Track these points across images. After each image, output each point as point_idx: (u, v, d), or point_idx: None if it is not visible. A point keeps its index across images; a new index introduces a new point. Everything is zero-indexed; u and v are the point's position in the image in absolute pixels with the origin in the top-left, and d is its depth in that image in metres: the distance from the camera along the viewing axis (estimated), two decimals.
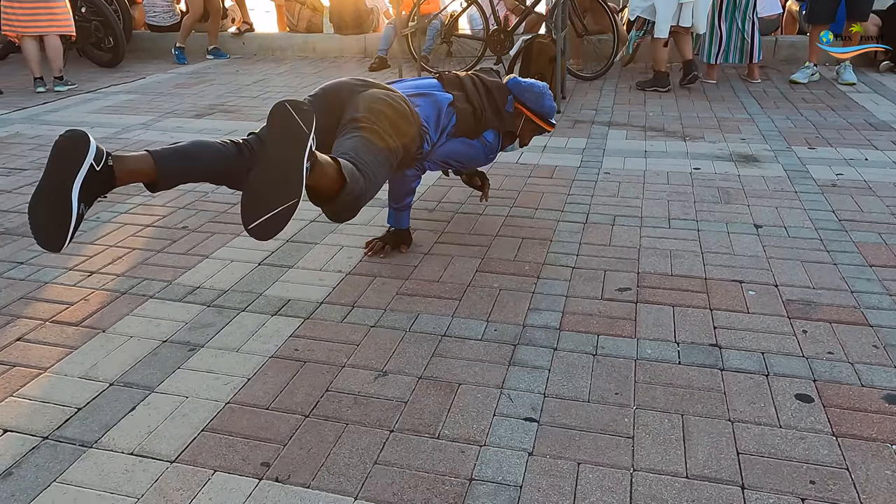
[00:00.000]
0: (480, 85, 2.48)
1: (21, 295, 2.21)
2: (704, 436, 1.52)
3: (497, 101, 2.48)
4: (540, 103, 2.54)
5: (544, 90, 2.56)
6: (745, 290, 2.14)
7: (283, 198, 1.53)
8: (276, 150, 1.55)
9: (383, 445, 1.51)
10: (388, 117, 2.07)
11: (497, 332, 1.94)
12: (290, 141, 1.55)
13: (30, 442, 1.54)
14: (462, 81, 2.45)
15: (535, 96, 2.53)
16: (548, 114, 2.57)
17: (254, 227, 1.55)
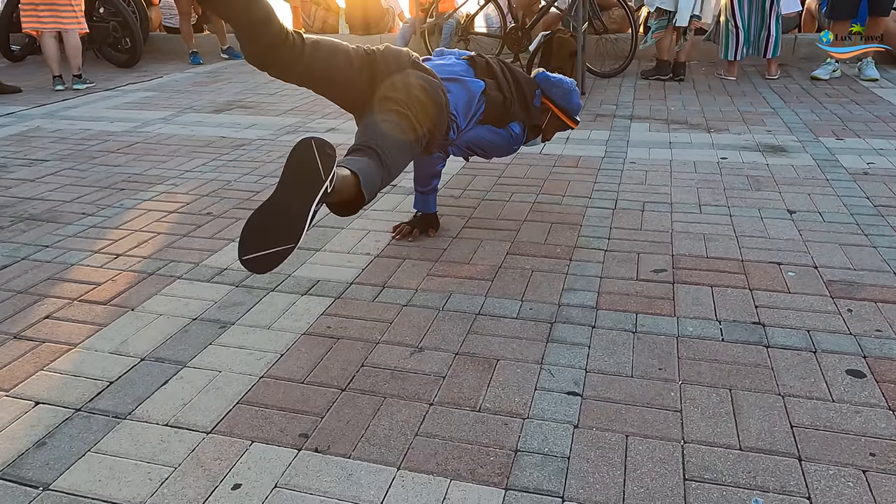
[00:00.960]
0: (509, 75, 2.41)
1: (48, 276, 2.18)
2: (755, 409, 1.47)
3: (525, 94, 2.41)
4: (567, 99, 2.48)
5: (572, 87, 2.50)
6: (785, 272, 2.09)
7: (282, 240, 1.46)
8: (287, 191, 1.49)
9: (423, 418, 1.47)
10: (423, 104, 2.02)
11: (532, 310, 1.90)
12: (303, 185, 1.49)
13: (62, 413, 1.51)
14: (493, 69, 2.37)
15: (563, 92, 2.46)
16: (574, 110, 2.51)
17: (247, 259, 1.47)
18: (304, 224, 1.47)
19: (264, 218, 1.48)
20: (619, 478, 1.29)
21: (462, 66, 2.33)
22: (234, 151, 3.59)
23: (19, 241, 2.45)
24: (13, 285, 2.12)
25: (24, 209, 2.79)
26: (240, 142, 3.78)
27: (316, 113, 4.46)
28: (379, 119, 1.97)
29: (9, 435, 1.44)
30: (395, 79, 2.06)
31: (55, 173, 3.27)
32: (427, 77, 2.11)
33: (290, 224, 1.47)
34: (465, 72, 2.30)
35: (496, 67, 2.38)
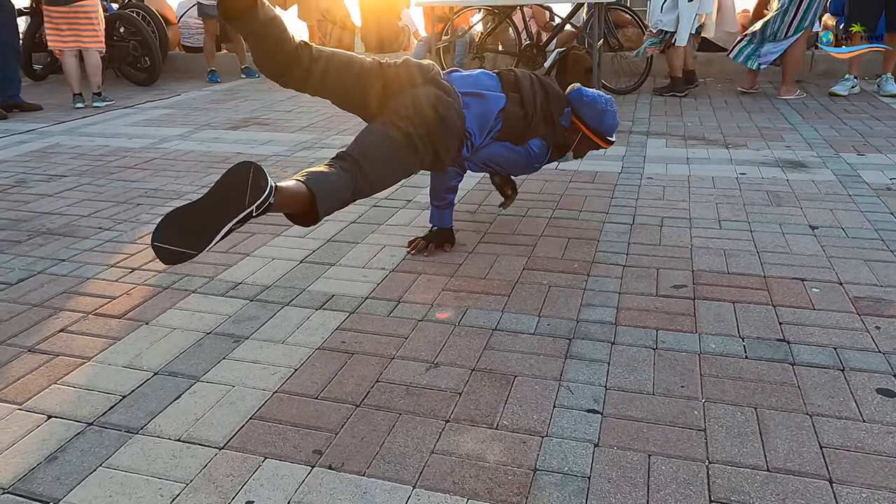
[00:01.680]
0: (539, 90, 2.34)
1: (63, 289, 2.18)
2: (783, 429, 1.42)
3: (552, 111, 2.35)
4: (600, 121, 2.38)
5: (607, 106, 2.39)
6: (809, 288, 2.04)
7: (188, 245, 1.50)
8: (211, 204, 1.53)
9: (439, 435, 1.44)
10: (428, 122, 2.01)
11: (550, 326, 1.87)
12: (225, 205, 1.53)
13: (74, 427, 1.49)
14: (520, 83, 2.31)
15: (596, 113, 2.37)
16: (607, 132, 2.41)
17: (156, 245, 1.51)
18: (212, 240, 1.52)
19: (184, 217, 1.52)
20: (641, 499, 1.25)
21: (489, 79, 2.29)
22: None
23: (36, 255, 2.46)
24: (29, 298, 2.12)
25: (41, 224, 2.80)
26: (256, 158, 3.79)
27: (332, 129, 4.48)
28: (377, 130, 2.00)
29: (21, 449, 1.43)
30: (406, 94, 2.06)
31: (73, 188, 3.29)
32: (441, 95, 2.08)
33: (199, 234, 1.51)
34: (490, 85, 2.26)
35: (525, 82, 2.32)
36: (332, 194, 1.82)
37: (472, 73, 2.30)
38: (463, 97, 2.16)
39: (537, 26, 6.32)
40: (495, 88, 2.25)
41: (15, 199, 3.14)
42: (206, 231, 1.51)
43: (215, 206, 1.53)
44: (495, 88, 2.25)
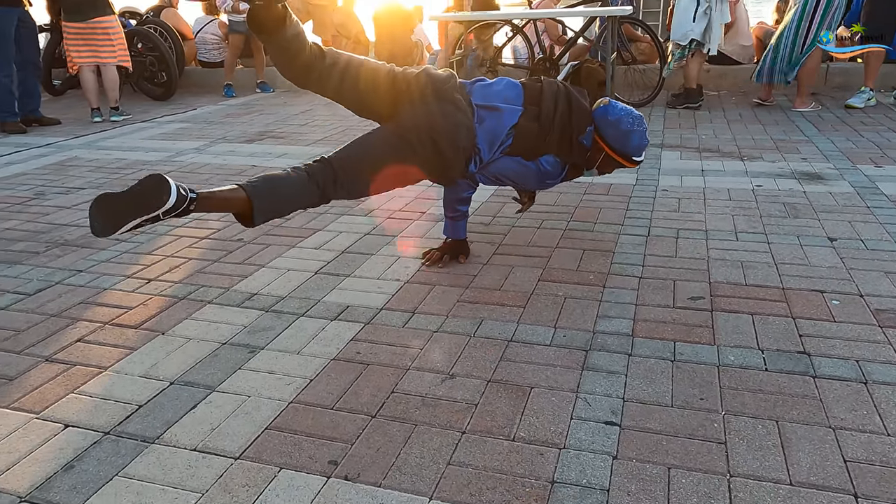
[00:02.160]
0: (563, 104, 2.24)
1: (81, 300, 2.20)
2: (805, 442, 1.39)
3: (572, 129, 2.24)
4: (623, 142, 2.24)
5: (634, 126, 2.23)
6: (828, 300, 2.01)
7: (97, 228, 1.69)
8: (128, 201, 1.70)
9: (455, 446, 1.42)
10: (430, 144, 2.06)
11: (566, 337, 1.85)
12: (137, 205, 1.70)
13: (91, 437, 1.49)
14: (543, 96, 2.23)
15: (619, 134, 2.23)
16: (632, 153, 2.27)
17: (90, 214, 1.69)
18: (116, 231, 1.70)
19: (107, 202, 1.69)
20: None
21: (512, 89, 2.24)
22: None
23: (54, 266, 2.48)
24: (47, 309, 2.14)
25: (59, 235, 2.83)
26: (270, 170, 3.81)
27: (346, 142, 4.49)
28: (371, 138, 2.11)
29: (38, 458, 1.43)
30: (416, 107, 2.09)
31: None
32: (450, 112, 2.08)
33: (107, 224, 1.69)
34: (510, 97, 2.20)
35: (548, 95, 2.24)
36: (272, 202, 1.95)
37: (497, 82, 2.26)
38: (478, 111, 2.15)
39: (550, 40, 6.34)
40: (515, 100, 2.20)
41: (34, 211, 3.18)
42: (116, 222, 1.69)
43: (132, 202, 1.70)
44: (515, 100, 2.20)
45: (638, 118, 2.27)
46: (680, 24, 5.12)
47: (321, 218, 2.93)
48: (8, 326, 2.02)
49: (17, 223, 3.01)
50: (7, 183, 3.73)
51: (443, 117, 2.07)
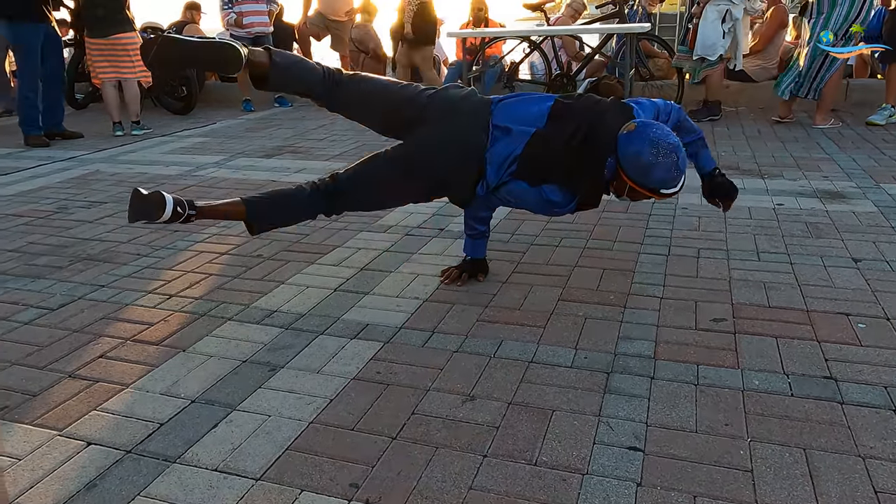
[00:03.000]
0: (581, 136, 2.03)
1: (103, 315, 2.22)
2: (834, 472, 1.37)
3: (583, 165, 2.03)
4: (644, 176, 1.93)
5: (657, 158, 1.90)
6: (854, 323, 1.98)
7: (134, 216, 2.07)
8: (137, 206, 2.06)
9: (477, 471, 1.41)
10: (437, 168, 2.11)
11: (587, 359, 1.84)
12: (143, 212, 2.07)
13: (113, 455, 1.50)
14: (564, 121, 2.06)
15: (639, 167, 1.92)
16: (657, 187, 1.94)
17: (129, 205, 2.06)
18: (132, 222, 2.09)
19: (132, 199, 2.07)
20: None
21: (537, 104, 2.12)
22: None
23: (77, 281, 2.51)
24: (70, 324, 2.15)
25: (82, 249, 2.86)
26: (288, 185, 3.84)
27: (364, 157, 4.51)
28: (379, 158, 2.19)
29: (61, 475, 1.44)
30: (429, 130, 2.11)
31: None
32: (460, 134, 2.09)
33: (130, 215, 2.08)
34: (531, 115, 2.09)
35: (570, 119, 2.07)
36: (275, 213, 2.24)
37: (526, 98, 2.17)
38: (493, 131, 2.08)
39: (568, 56, 6.36)
40: (535, 120, 2.08)
41: (57, 226, 3.22)
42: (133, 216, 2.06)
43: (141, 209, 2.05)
44: (535, 120, 2.08)
45: (666, 148, 1.91)
46: (708, 37, 5.11)
47: (340, 234, 2.94)
48: (32, 342, 2.04)
49: (41, 237, 3.05)
50: (31, 197, 3.79)
51: (452, 142, 2.09)
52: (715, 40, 5.07)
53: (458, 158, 2.09)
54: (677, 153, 1.93)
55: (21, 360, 1.93)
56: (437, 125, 2.11)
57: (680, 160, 1.93)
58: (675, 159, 1.93)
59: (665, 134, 1.95)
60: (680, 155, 1.93)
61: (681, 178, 1.96)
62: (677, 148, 1.93)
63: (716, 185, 2.47)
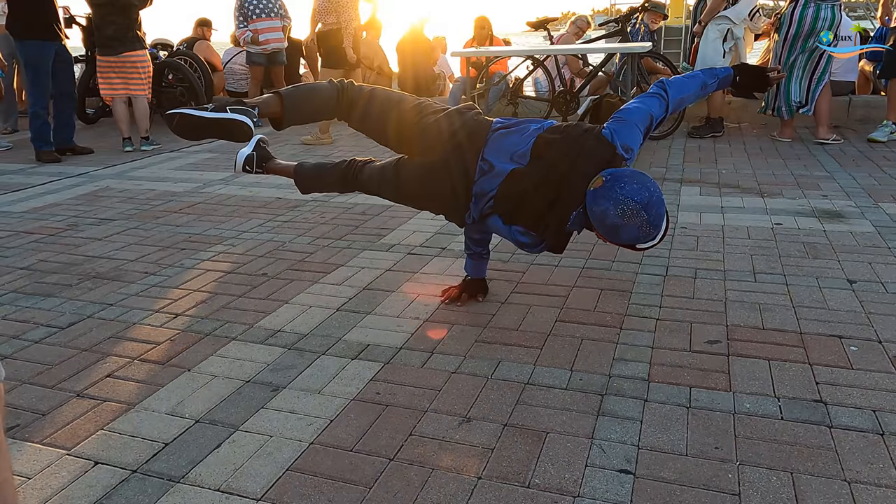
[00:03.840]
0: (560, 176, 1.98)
1: (111, 334, 2.27)
2: (819, 496, 1.40)
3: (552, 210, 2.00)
4: (613, 236, 1.89)
5: (622, 220, 1.81)
6: (846, 346, 2.02)
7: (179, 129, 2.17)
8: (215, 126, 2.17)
9: (472, 493, 1.45)
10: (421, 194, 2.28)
11: (582, 381, 1.88)
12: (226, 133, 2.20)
13: (119, 475, 1.55)
14: (542, 161, 2.03)
15: (606, 229, 1.86)
16: (630, 244, 1.91)
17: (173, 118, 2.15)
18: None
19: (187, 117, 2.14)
20: None
21: (523, 140, 2.09)
22: (290, 212, 3.71)
23: (86, 300, 2.57)
24: (78, 343, 2.21)
25: (91, 268, 2.93)
26: (294, 203, 3.91)
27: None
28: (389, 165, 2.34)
29: (68, 495, 1.48)
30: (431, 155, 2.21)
31: (121, 232, 3.43)
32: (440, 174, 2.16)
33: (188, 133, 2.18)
34: (517, 152, 2.07)
35: (550, 157, 2.02)
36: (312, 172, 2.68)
37: (517, 131, 2.13)
38: (482, 164, 2.10)
39: (571, 73, 6.42)
40: (519, 157, 2.06)
41: (67, 243, 3.29)
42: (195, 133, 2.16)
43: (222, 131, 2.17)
44: (519, 157, 2.06)
45: (632, 209, 1.80)
46: (709, 56, 5.19)
47: (343, 253, 3.00)
48: (42, 360, 2.10)
49: (51, 254, 3.12)
50: (42, 213, 3.86)
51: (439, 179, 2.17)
52: (715, 59, 5.12)
53: (445, 192, 2.18)
54: (647, 211, 1.80)
55: (31, 378, 1.99)
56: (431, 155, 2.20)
57: (651, 217, 1.81)
58: (644, 218, 1.81)
59: (633, 191, 1.81)
60: (651, 212, 1.81)
61: (655, 233, 1.87)
62: (647, 206, 1.80)
63: (745, 85, 2.39)
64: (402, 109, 2.27)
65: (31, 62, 5.30)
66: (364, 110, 2.29)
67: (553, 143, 2.06)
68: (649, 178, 1.88)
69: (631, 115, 2.12)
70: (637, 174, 1.87)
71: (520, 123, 2.19)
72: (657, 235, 1.90)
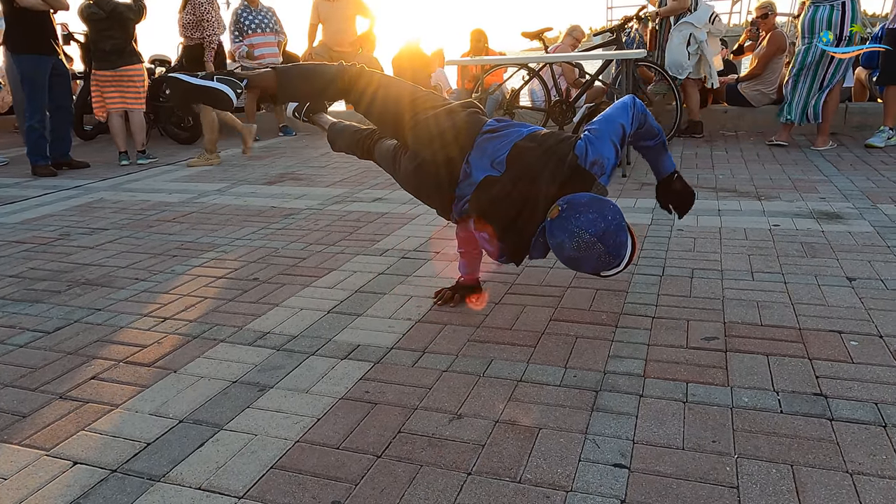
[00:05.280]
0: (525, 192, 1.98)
1: (97, 338, 2.23)
2: (821, 487, 1.35)
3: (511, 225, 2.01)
4: (575, 266, 1.90)
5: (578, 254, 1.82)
6: (847, 341, 1.97)
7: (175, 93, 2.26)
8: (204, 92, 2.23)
9: (461, 488, 1.40)
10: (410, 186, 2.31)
11: (576, 378, 1.83)
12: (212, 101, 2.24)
13: (98, 474, 1.50)
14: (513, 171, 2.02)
15: (566, 260, 1.88)
16: (593, 272, 1.93)
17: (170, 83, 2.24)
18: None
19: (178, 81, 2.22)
20: None
21: (502, 146, 2.08)
22: (284, 220, 3.68)
23: (74, 305, 2.53)
24: (64, 347, 2.17)
25: (81, 275, 2.89)
26: (289, 211, 3.88)
27: (364, 184, 4.57)
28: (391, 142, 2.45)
29: (45, 494, 1.44)
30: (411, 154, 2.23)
31: (113, 241, 3.41)
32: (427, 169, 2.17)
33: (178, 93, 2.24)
34: (498, 160, 2.07)
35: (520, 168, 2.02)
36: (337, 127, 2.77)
37: (503, 135, 2.12)
38: (465, 167, 2.10)
39: (567, 83, 6.43)
40: (498, 163, 2.06)
41: (58, 252, 3.26)
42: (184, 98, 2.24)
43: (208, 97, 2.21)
44: (498, 163, 2.06)
45: (587, 242, 1.79)
46: (675, 60, 5.48)
47: (336, 258, 2.96)
48: (25, 364, 2.06)
49: (41, 262, 3.08)
50: (34, 224, 3.84)
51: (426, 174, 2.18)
52: (681, 61, 5.45)
53: (432, 188, 2.20)
54: (603, 242, 1.79)
55: (13, 381, 1.95)
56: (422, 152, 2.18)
57: (608, 247, 1.81)
58: (601, 249, 1.80)
59: (587, 223, 1.79)
60: (608, 242, 1.80)
61: (616, 261, 1.86)
62: (603, 236, 1.79)
63: (672, 190, 2.34)
64: (400, 103, 2.25)
65: (27, 76, 5.31)
66: (367, 99, 2.27)
67: (526, 151, 2.05)
68: (609, 203, 1.85)
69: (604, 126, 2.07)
70: (594, 201, 1.84)
71: (508, 127, 2.17)
72: (620, 263, 1.89)
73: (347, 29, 6.90)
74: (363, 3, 6.88)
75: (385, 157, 2.46)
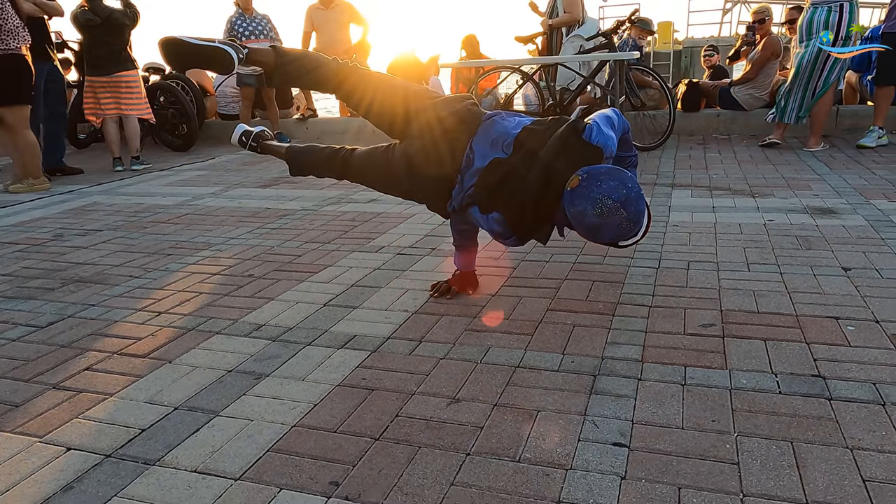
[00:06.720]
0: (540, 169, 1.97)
1: (91, 331, 2.21)
2: (821, 462, 1.34)
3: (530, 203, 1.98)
4: (592, 235, 1.88)
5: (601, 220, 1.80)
6: (843, 326, 1.97)
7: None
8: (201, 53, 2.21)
9: (459, 468, 1.39)
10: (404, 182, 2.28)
11: (574, 363, 1.82)
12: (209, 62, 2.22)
13: (92, 459, 1.48)
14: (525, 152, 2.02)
15: (587, 229, 1.86)
16: (612, 241, 1.91)
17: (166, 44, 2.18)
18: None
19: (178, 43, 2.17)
20: None
21: (507, 135, 2.09)
22: (279, 221, 3.68)
23: (67, 301, 2.51)
24: (58, 340, 2.15)
25: (74, 273, 2.87)
26: (284, 212, 3.88)
27: (357, 187, 4.56)
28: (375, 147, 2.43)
29: (37, 479, 1.42)
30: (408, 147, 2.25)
31: (107, 241, 3.39)
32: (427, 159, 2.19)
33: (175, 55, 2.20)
34: (503, 142, 2.08)
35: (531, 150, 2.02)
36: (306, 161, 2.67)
37: (509, 121, 2.14)
38: (469, 154, 2.11)
39: None
40: (504, 146, 2.07)
41: (51, 252, 3.24)
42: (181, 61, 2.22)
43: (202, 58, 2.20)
44: (504, 146, 2.07)
45: (611, 207, 1.79)
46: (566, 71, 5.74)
47: (332, 255, 2.95)
48: (18, 356, 2.04)
49: (35, 262, 3.06)
50: (27, 226, 3.82)
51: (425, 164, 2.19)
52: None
53: (430, 177, 2.19)
54: (626, 208, 1.79)
55: (6, 373, 1.93)
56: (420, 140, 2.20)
57: (630, 213, 1.80)
58: (623, 215, 1.80)
59: (610, 189, 1.79)
60: (630, 209, 1.80)
61: (636, 228, 1.84)
62: (626, 202, 1.79)
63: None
64: (407, 92, 2.28)
65: None
66: (362, 96, 2.29)
67: (535, 133, 2.08)
68: (627, 173, 1.86)
69: (605, 119, 2.12)
70: (614, 170, 1.85)
71: (511, 116, 2.20)
72: (639, 231, 1.88)
73: (341, 37, 6.93)
74: (357, 11, 6.91)
75: (370, 159, 2.37)
